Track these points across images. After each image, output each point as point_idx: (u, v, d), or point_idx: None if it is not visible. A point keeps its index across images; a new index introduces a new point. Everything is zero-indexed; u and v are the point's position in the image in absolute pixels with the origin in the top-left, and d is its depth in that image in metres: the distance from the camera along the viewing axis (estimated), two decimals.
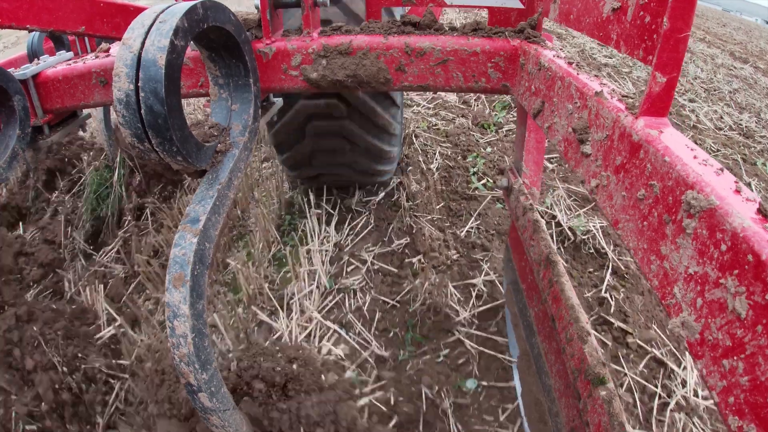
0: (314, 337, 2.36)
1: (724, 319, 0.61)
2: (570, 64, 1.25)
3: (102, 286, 2.52)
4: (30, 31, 1.99)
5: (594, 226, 3.15)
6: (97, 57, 1.89)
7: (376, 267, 2.81)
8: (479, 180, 3.74)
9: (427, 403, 2.05)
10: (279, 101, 2.01)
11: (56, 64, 1.92)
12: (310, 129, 2.64)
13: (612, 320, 2.47)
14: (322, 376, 1.67)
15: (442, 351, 2.32)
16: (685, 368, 2.27)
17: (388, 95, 2.59)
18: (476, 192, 3.58)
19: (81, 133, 3.36)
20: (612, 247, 3.00)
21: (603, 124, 0.99)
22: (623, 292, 2.68)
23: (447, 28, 1.65)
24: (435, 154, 4.09)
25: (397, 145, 3.10)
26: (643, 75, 7.13)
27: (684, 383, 2.20)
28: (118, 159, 3.05)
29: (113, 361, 2.05)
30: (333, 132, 2.67)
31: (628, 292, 2.69)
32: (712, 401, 1.94)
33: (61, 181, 3.16)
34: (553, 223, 3.16)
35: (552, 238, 2.98)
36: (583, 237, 3.05)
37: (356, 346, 2.31)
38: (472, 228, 3.17)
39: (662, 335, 2.43)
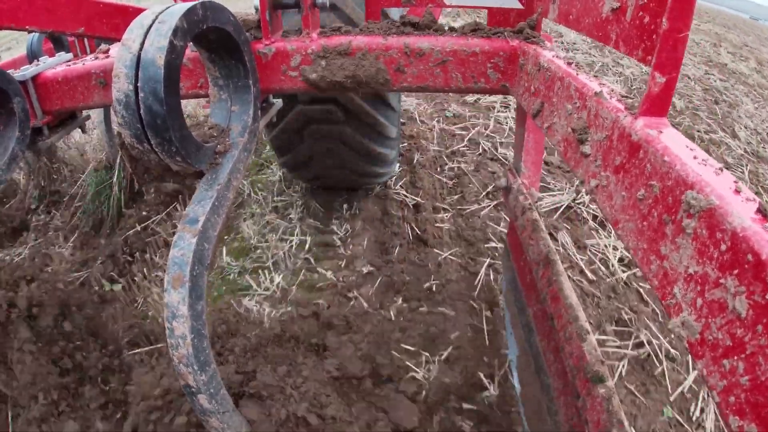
0: None
1: (725, 319, 0.61)
2: (569, 64, 1.25)
3: None
4: (29, 32, 1.98)
5: None
6: (96, 58, 1.89)
7: None
8: None
9: None
10: (278, 102, 2.00)
11: (56, 65, 1.91)
12: (308, 133, 2.64)
13: None
14: None
15: None
16: None
17: (385, 99, 2.59)
18: None
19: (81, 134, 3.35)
20: None
21: (602, 125, 0.99)
22: None
23: (446, 29, 1.65)
24: None
25: (395, 148, 3.09)
26: None
27: None
28: (117, 160, 3.04)
29: None
30: (331, 136, 2.67)
31: None
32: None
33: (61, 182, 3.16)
34: None
35: None
36: None
37: None
38: None
39: None
